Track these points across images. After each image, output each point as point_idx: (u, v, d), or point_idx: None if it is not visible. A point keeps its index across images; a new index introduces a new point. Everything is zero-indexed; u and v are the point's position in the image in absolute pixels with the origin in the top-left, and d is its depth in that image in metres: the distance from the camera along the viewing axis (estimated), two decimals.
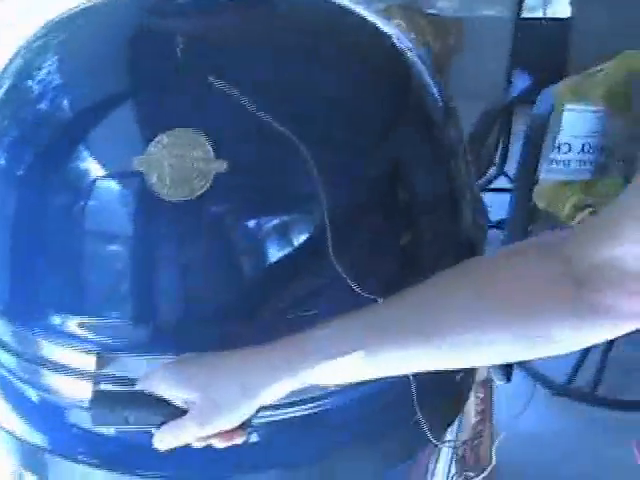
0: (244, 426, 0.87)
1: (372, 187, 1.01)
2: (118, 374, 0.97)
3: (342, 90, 1.02)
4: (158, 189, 0.92)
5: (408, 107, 1.08)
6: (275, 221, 0.96)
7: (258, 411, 0.87)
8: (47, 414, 1.06)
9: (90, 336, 0.98)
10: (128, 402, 0.89)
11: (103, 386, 0.96)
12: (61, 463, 1.03)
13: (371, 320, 0.84)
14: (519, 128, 2.94)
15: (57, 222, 0.98)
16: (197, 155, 0.91)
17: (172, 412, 0.87)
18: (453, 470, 1.27)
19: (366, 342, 0.81)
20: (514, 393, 1.69)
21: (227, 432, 0.87)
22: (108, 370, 0.97)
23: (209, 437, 0.87)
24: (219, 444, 0.88)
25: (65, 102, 1.03)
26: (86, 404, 0.96)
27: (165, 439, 0.87)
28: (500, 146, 3.18)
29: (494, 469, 1.29)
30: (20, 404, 1.09)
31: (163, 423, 0.87)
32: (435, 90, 1.12)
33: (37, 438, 1.05)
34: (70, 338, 0.98)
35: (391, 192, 1.03)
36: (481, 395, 1.42)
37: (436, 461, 1.21)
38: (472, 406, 1.36)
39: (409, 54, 1.12)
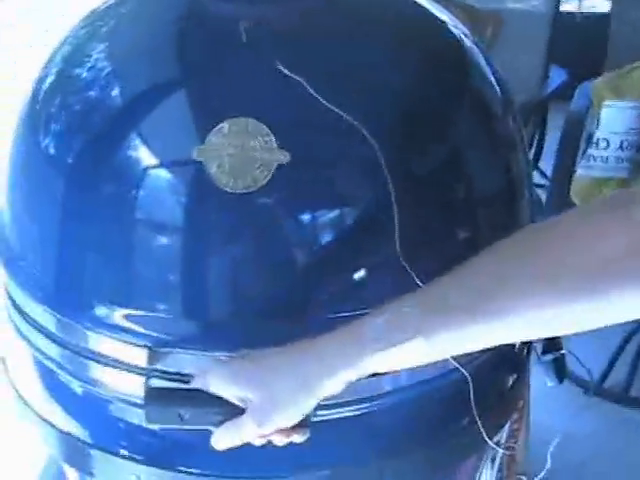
0: (304, 423, 0.85)
1: (434, 179, 0.98)
2: (170, 370, 0.95)
3: (406, 79, 0.99)
4: (217, 179, 0.89)
5: (470, 96, 1.06)
6: (337, 215, 0.94)
7: (317, 408, 0.84)
8: (91, 407, 1.04)
9: (139, 329, 0.95)
10: (183, 399, 0.87)
11: (155, 382, 0.94)
12: (103, 457, 1.01)
13: (429, 303, 0.79)
14: (554, 124, 2.92)
15: (110, 211, 0.96)
16: (259, 145, 0.89)
17: (229, 410, 0.85)
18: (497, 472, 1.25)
19: (425, 326, 0.77)
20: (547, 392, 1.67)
21: (287, 429, 0.84)
22: (159, 365, 0.95)
23: (269, 436, 0.85)
24: (279, 442, 0.86)
25: (119, 90, 1.00)
26: (132, 398, 0.96)
27: (223, 439, 0.86)
28: (535, 142, 3.15)
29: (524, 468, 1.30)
30: (63, 396, 1.07)
31: (219, 422, 0.85)
32: (494, 79, 1.09)
33: (79, 431, 1.03)
34: (119, 330, 0.96)
35: (452, 184, 1.00)
36: None
37: (482, 463, 1.19)
38: None
39: (467, 41, 1.09)
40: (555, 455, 2.06)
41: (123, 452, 0.99)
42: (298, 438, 0.86)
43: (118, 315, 0.96)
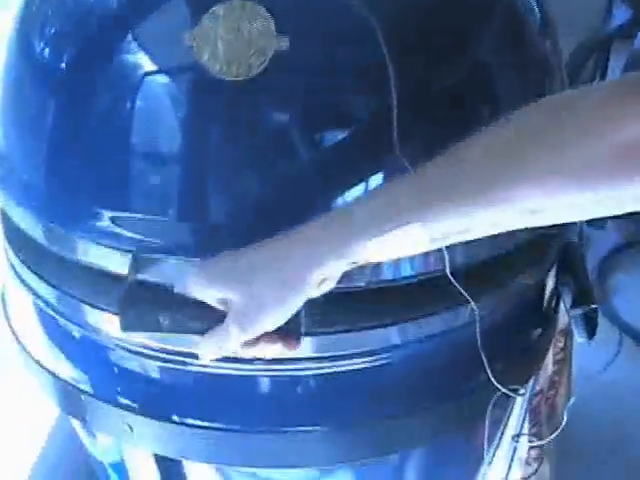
0: (293, 331, 0.78)
1: (449, 91, 0.90)
2: (153, 280, 0.88)
3: None
4: (210, 66, 0.83)
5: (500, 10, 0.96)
6: (337, 107, 0.86)
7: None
8: (86, 353, 1.01)
9: (127, 233, 0.89)
10: (161, 304, 0.81)
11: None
12: (96, 405, 0.97)
13: (425, 186, 0.71)
14: (617, 64, 2.81)
15: (97, 106, 0.90)
16: (255, 29, 0.82)
17: (210, 315, 0.78)
18: (526, 422, 1.20)
19: (423, 211, 0.69)
20: (597, 341, 1.62)
21: (275, 337, 0.78)
22: (143, 275, 0.88)
23: (256, 343, 0.78)
24: (266, 353, 0.79)
25: None
26: (126, 343, 0.92)
27: (208, 349, 0.79)
28: (596, 81, 3.03)
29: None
30: (60, 341, 1.04)
31: (201, 329, 0.79)
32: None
33: (78, 378, 1.01)
34: (106, 235, 0.90)
35: (471, 99, 0.92)
36: (560, 344, 1.33)
37: (509, 413, 1.15)
38: (550, 355, 1.27)
39: None
40: (600, 406, 2.04)
41: (117, 399, 0.96)
42: (287, 349, 0.79)
43: (105, 218, 0.90)
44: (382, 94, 0.82)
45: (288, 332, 0.78)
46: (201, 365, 0.90)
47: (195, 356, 0.88)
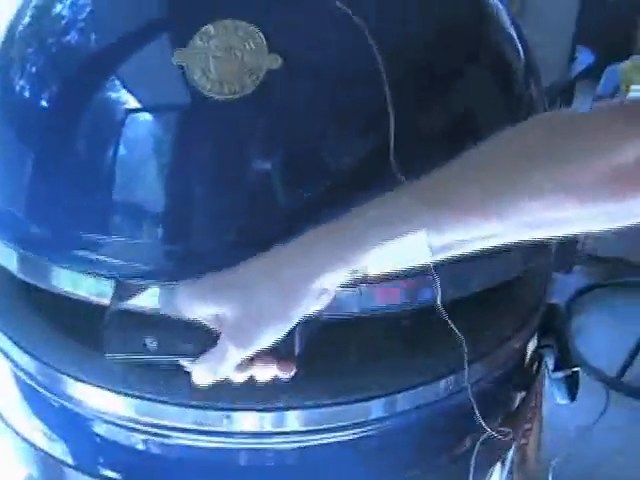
0: (289, 355, 0.76)
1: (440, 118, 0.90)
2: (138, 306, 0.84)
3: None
4: (202, 86, 0.81)
5: (486, 49, 0.98)
6: (329, 127, 0.85)
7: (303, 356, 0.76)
8: (68, 423, 0.98)
9: (109, 259, 0.86)
10: (149, 326, 0.77)
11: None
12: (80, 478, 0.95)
13: (432, 195, 0.70)
14: (581, 106, 2.84)
15: (78, 129, 0.88)
16: (247, 49, 0.81)
17: (201, 336, 0.74)
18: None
19: (429, 219, 0.68)
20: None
21: (271, 361, 0.75)
22: (127, 303, 0.84)
23: (250, 366, 0.75)
24: (262, 377, 0.77)
25: None
26: (108, 416, 0.90)
27: (202, 372, 0.75)
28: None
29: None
30: (41, 412, 1.02)
31: (191, 353, 0.75)
32: (517, 42, 1.01)
33: (58, 449, 0.98)
34: (88, 263, 0.86)
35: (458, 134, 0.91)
36: None
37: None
38: None
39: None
40: (574, 452, 2.03)
41: (99, 471, 0.94)
42: (283, 372, 0.76)
43: (86, 244, 0.87)
44: (378, 112, 0.81)
45: (283, 355, 0.75)
46: (187, 438, 0.89)
47: (180, 429, 0.87)
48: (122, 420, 0.91)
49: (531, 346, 1.12)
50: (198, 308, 0.73)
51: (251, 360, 0.75)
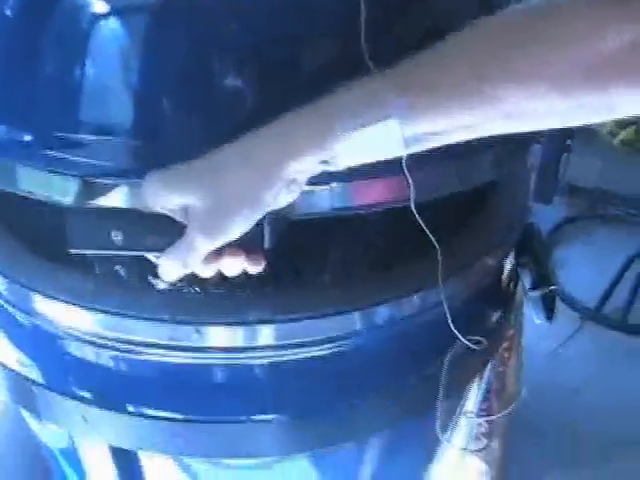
0: (258, 246, 0.74)
1: None
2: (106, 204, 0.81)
3: None
4: None
5: None
6: (298, 12, 0.81)
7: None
8: (37, 342, 0.97)
9: (76, 159, 0.82)
10: (114, 219, 0.75)
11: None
12: (48, 396, 0.94)
13: (406, 81, 0.67)
14: None
15: (47, 19, 0.83)
16: None
17: (168, 228, 0.72)
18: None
19: (402, 105, 0.66)
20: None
21: (239, 252, 0.73)
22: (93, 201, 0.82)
23: (219, 259, 0.73)
24: (230, 270, 0.75)
25: None
26: (77, 333, 0.89)
27: (170, 266, 0.73)
28: None
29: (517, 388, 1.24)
30: (13, 332, 1.00)
31: (158, 245, 0.73)
32: None
33: (28, 369, 0.96)
34: (54, 162, 0.82)
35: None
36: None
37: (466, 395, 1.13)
38: None
39: None
40: (548, 380, 2.05)
41: (70, 390, 0.92)
42: (252, 265, 0.75)
43: (50, 140, 0.83)
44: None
45: (251, 247, 0.73)
46: (157, 354, 0.88)
47: (150, 345, 0.86)
48: (91, 337, 0.89)
49: (509, 264, 1.11)
50: (166, 198, 0.71)
51: (219, 253, 0.73)
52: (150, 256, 0.75)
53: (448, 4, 0.89)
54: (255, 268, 0.75)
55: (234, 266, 0.74)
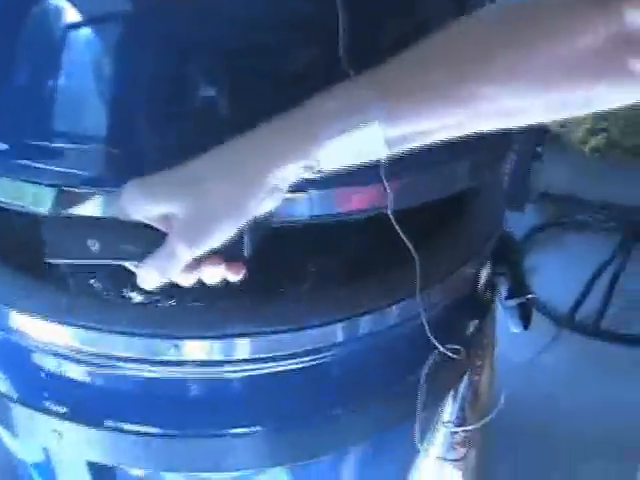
0: (239, 255, 0.73)
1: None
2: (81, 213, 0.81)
3: None
4: None
5: None
6: (274, 21, 0.81)
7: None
8: (12, 356, 0.95)
9: (51, 168, 0.82)
10: (92, 227, 0.73)
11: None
12: (23, 411, 0.93)
13: (388, 84, 0.67)
14: None
15: (20, 30, 0.83)
16: None
17: (148, 237, 0.71)
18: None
19: (386, 109, 0.66)
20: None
21: (220, 261, 0.72)
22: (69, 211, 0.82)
23: (199, 267, 0.72)
24: (211, 278, 0.73)
25: None
26: (52, 348, 0.88)
27: (149, 273, 0.72)
28: None
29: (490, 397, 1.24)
30: None
31: (136, 255, 0.72)
32: None
33: (3, 383, 0.95)
34: (29, 171, 0.82)
35: None
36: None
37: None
38: None
39: None
40: (524, 387, 2.05)
41: (44, 405, 0.91)
42: (232, 274, 0.74)
43: (26, 152, 0.83)
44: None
45: (232, 256, 0.72)
46: (134, 368, 0.87)
47: (126, 359, 0.85)
48: (67, 351, 0.88)
49: (485, 274, 1.11)
50: (146, 207, 0.70)
51: (199, 262, 0.72)
52: (128, 265, 0.74)
53: (425, 7, 0.90)
54: (235, 276, 0.74)
55: (214, 275, 0.73)
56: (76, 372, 0.91)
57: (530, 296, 1.08)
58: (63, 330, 0.87)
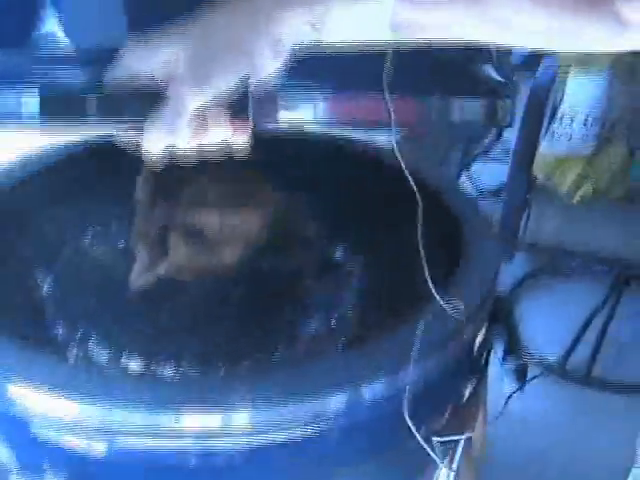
0: (246, 114, 0.72)
1: None
2: None
3: None
4: None
5: None
6: None
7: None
8: (9, 427, 0.95)
9: None
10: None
11: None
12: None
13: None
14: (519, 97, 2.86)
15: None
16: None
17: (147, 99, 0.70)
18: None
19: None
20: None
21: (227, 118, 0.72)
22: None
23: (205, 127, 0.72)
24: (217, 136, 0.73)
25: None
26: (51, 418, 0.88)
27: (154, 133, 0.71)
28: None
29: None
30: None
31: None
32: None
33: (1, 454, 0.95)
34: None
35: None
36: None
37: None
38: None
39: None
40: (513, 439, 2.05)
41: (44, 476, 0.91)
42: (238, 132, 0.73)
43: None
44: None
45: (237, 113, 0.72)
46: (134, 440, 0.87)
47: (126, 433, 0.85)
48: (65, 422, 0.88)
49: (479, 338, 1.11)
50: (150, 56, 0.71)
51: (204, 122, 0.72)
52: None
53: None
54: (241, 137, 0.74)
55: (220, 134, 0.73)
56: (74, 444, 0.91)
57: (527, 359, 1.08)
58: (61, 401, 0.86)
